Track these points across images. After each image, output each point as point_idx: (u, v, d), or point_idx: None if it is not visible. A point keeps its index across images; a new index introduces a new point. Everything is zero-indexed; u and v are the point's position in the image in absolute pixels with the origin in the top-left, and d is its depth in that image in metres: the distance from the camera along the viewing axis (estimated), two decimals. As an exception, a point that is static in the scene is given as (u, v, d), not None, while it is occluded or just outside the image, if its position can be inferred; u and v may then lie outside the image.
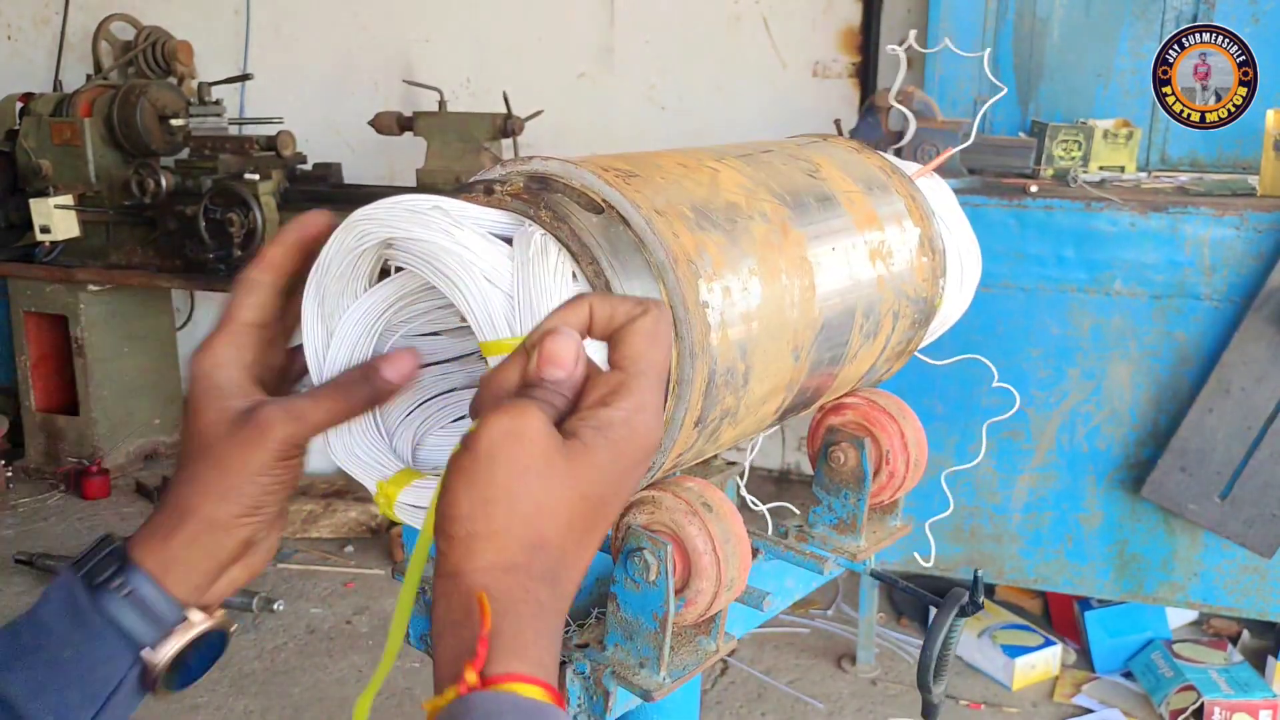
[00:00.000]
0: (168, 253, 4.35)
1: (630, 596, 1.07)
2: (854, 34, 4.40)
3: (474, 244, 0.82)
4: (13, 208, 4.52)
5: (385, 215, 0.85)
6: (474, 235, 0.83)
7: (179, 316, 5.20)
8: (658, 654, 1.06)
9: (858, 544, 1.41)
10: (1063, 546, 3.08)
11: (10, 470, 4.56)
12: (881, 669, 3.25)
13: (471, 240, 0.82)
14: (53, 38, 5.30)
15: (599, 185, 0.97)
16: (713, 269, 1.01)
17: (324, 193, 4.35)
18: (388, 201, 0.86)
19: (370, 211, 0.86)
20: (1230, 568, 2.95)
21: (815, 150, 1.39)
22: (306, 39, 5.10)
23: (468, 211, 0.85)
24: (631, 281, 0.90)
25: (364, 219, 0.86)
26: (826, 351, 1.21)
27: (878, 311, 1.28)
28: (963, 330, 2.33)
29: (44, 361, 4.64)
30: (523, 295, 0.81)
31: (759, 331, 1.07)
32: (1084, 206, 2.90)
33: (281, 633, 3.40)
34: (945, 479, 1.67)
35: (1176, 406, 2.90)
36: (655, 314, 0.72)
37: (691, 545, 1.06)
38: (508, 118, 4.16)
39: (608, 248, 0.90)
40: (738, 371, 1.04)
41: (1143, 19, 3.64)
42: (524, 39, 4.80)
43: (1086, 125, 3.23)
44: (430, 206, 0.83)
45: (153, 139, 4.39)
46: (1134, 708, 3.06)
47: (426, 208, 0.83)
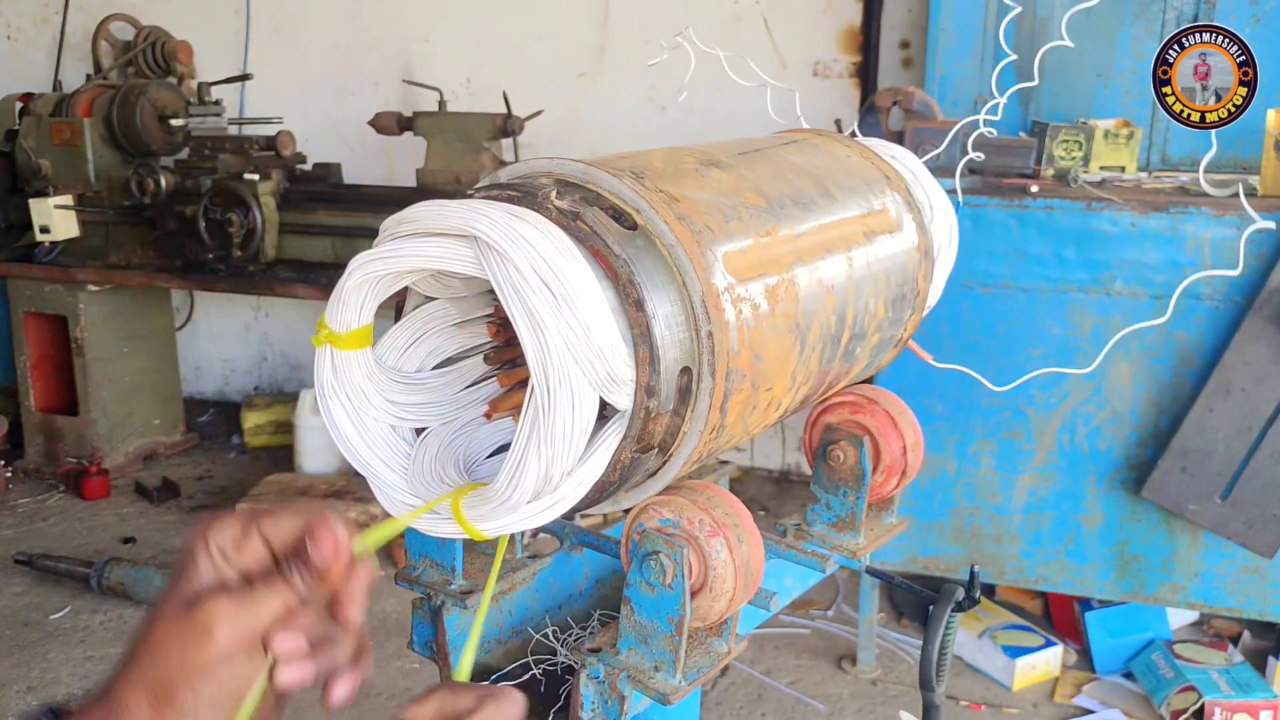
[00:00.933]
0: (167, 253, 4.35)
1: (645, 600, 1.07)
2: (854, 34, 4.40)
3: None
4: (12, 208, 4.52)
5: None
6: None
7: (179, 316, 5.20)
8: (673, 657, 1.06)
9: (857, 541, 1.41)
10: (1063, 547, 3.07)
11: (10, 470, 4.55)
12: (882, 669, 3.24)
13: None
14: (52, 38, 5.30)
15: (629, 194, 0.99)
16: (725, 275, 1.01)
17: (324, 193, 4.35)
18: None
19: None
20: (1231, 568, 2.95)
21: (806, 147, 1.39)
22: (306, 39, 5.10)
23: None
24: (658, 292, 0.97)
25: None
26: (830, 349, 1.21)
27: (874, 305, 1.28)
28: (964, 330, 2.33)
29: (44, 361, 4.64)
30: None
31: (770, 335, 1.07)
32: (1084, 206, 2.89)
33: (281, 633, 3.40)
34: (945, 479, 1.67)
35: (1177, 407, 2.90)
36: (492, 708, 0.75)
37: (711, 550, 1.06)
38: (508, 118, 4.16)
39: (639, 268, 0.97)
40: (749, 376, 1.04)
41: (1143, 19, 3.64)
42: (523, 39, 4.79)
43: (1087, 125, 3.23)
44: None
45: (152, 139, 4.39)
46: (1134, 708, 3.05)
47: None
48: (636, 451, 0.98)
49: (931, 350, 1.65)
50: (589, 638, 1.18)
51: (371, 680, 3.06)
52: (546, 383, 0.88)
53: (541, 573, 1.39)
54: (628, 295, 0.94)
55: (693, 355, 0.99)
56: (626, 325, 0.94)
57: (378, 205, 4.14)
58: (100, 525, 4.15)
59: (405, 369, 1.08)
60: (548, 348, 0.87)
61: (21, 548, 3.82)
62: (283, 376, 5.44)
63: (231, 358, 5.51)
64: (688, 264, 0.97)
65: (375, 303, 1.00)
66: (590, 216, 0.96)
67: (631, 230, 0.97)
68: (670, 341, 0.96)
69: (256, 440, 4.93)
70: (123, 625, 3.41)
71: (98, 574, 3.52)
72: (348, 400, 1.03)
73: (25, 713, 0.72)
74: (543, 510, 0.95)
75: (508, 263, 0.88)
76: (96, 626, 3.41)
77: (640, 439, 0.97)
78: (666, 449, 1.02)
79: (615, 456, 0.96)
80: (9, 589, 3.62)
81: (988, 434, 3.05)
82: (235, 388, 5.51)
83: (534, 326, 0.87)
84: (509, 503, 0.94)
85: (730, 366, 1.00)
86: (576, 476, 0.94)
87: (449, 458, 1.05)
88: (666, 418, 0.98)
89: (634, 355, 0.94)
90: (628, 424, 0.96)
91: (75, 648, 3.29)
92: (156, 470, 4.65)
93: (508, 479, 0.92)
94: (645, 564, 1.06)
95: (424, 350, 1.09)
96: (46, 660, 3.22)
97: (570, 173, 1.03)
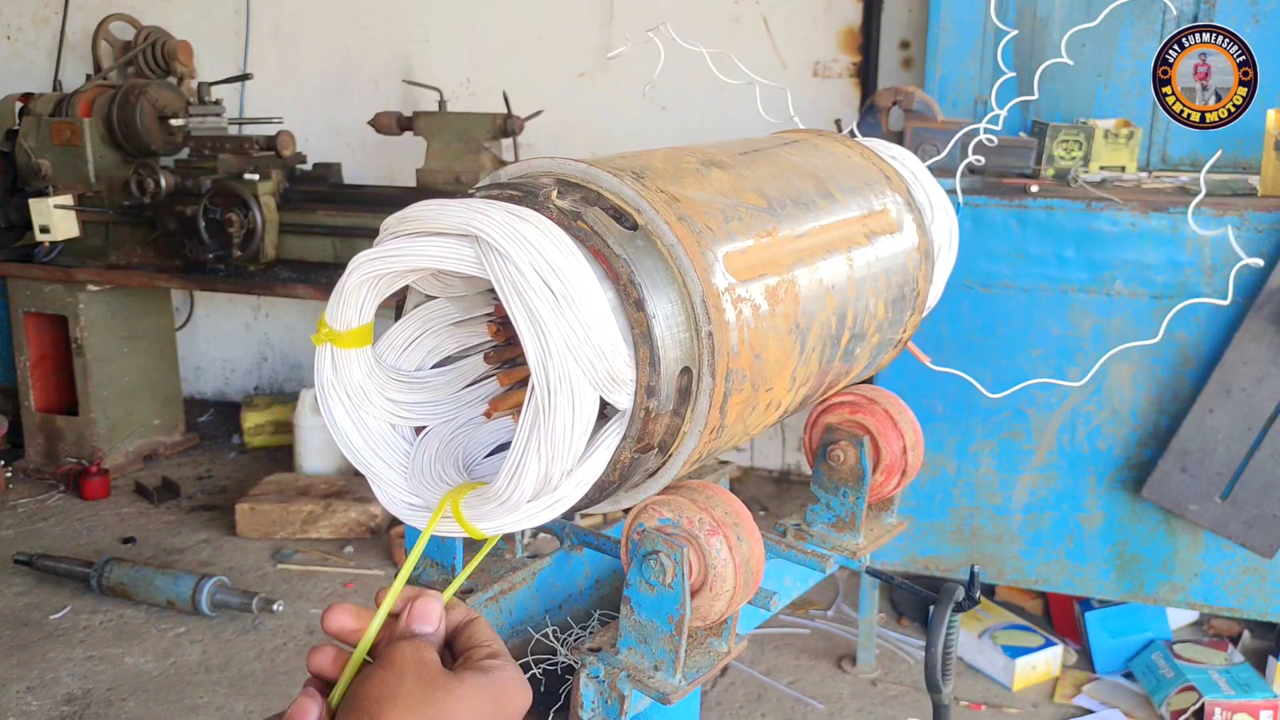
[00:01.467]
0: (167, 253, 4.35)
1: (645, 599, 1.07)
2: (854, 34, 4.40)
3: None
4: (12, 208, 4.52)
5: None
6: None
7: (179, 316, 5.20)
8: (673, 656, 1.06)
9: (857, 541, 1.41)
10: (1063, 547, 3.08)
11: (10, 470, 4.55)
12: (882, 670, 3.24)
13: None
14: (52, 38, 5.30)
15: (630, 194, 0.99)
16: (725, 275, 1.02)
17: (324, 193, 4.35)
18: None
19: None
20: (1231, 568, 2.95)
21: (807, 147, 1.39)
22: (306, 39, 5.10)
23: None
24: (659, 292, 0.97)
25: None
26: (830, 349, 1.21)
27: (874, 306, 1.28)
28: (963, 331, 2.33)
29: (44, 361, 4.64)
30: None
31: (770, 335, 1.07)
32: (1085, 206, 2.89)
33: (281, 633, 3.40)
34: (945, 479, 1.67)
35: (1177, 407, 2.90)
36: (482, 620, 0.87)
37: (710, 549, 1.06)
38: (508, 117, 4.16)
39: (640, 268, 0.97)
40: (749, 376, 1.04)
41: (1143, 19, 3.64)
42: (524, 39, 4.79)
43: (1087, 125, 3.23)
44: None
45: (152, 139, 4.39)
46: (1135, 708, 3.05)
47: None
48: (636, 451, 0.98)
49: (931, 350, 1.65)
50: (589, 637, 1.18)
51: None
52: (547, 382, 0.89)
53: (541, 572, 1.39)
54: (628, 295, 0.94)
55: (693, 355, 0.99)
56: (627, 325, 0.94)
57: (378, 205, 4.14)
58: (100, 525, 4.15)
59: (405, 367, 1.08)
60: (548, 347, 0.87)
61: (21, 548, 3.82)
62: (283, 376, 5.44)
63: (231, 358, 5.52)
64: (688, 264, 0.97)
65: (375, 301, 1.01)
66: (591, 216, 0.96)
67: (632, 230, 0.97)
68: (670, 341, 0.96)
69: (256, 440, 4.93)
70: (123, 625, 3.42)
71: (98, 574, 3.52)
72: (347, 398, 1.03)
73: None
74: (542, 510, 0.95)
75: (508, 262, 0.88)
76: (96, 626, 3.41)
77: (640, 439, 0.97)
78: (666, 449, 1.02)
79: (615, 456, 0.96)
80: (9, 589, 3.62)
81: (988, 434, 3.06)
82: (235, 388, 5.51)
83: (535, 326, 0.87)
84: (509, 502, 0.94)
85: (730, 367, 1.00)
86: (576, 476, 0.94)
87: (448, 457, 1.05)
88: (666, 418, 0.98)
89: (634, 355, 0.94)
90: (628, 424, 0.96)
91: (75, 648, 3.29)
92: (156, 470, 4.66)
93: (508, 478, 0.92)
94: (645, 563, 1.06)
95: (424, 349, 1.09)
96: (46, 660, 3.22)
97: (571, 172, 1.03)
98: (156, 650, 3.29)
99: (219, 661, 3.24)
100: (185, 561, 3.83)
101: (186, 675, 3.17)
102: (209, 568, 3.76)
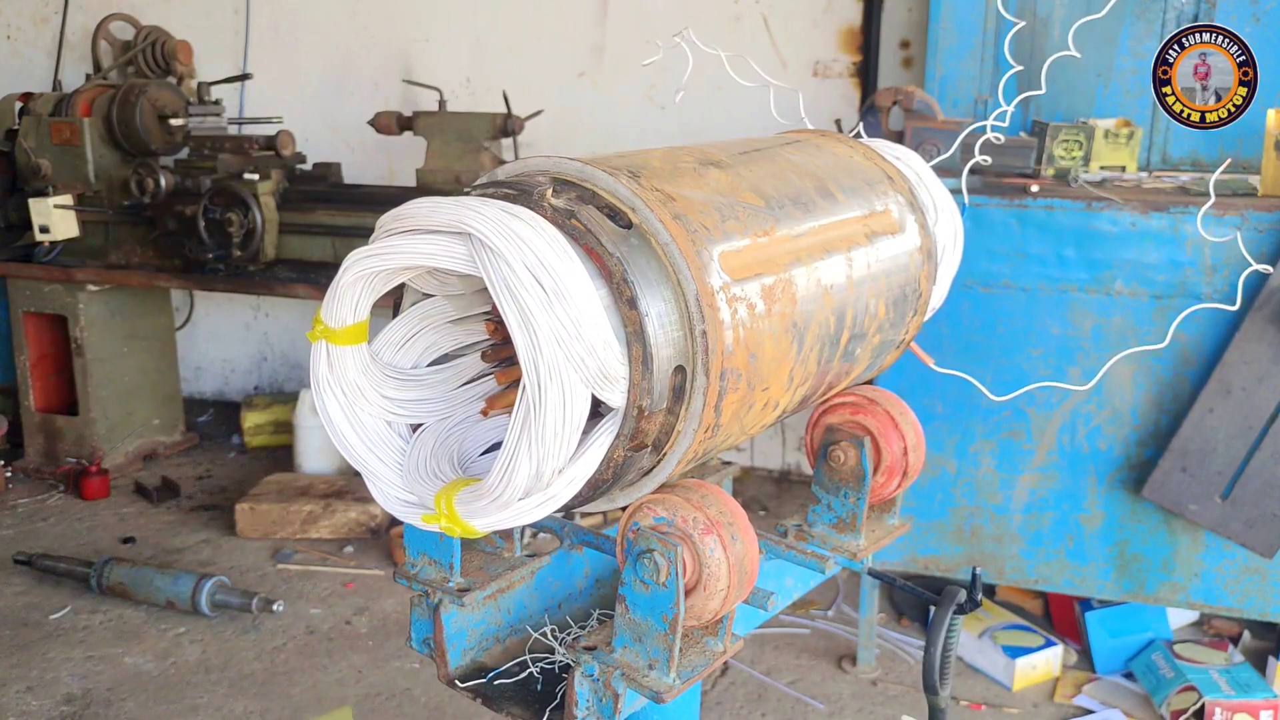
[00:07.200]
0: (167, 253, 4.35)
1: (639, 598, 1.06)
2: (854, 34, 4.40)
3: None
4: (12, 208, 4.52)
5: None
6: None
7: (178, 316, 5.20)
8: (668, 655, 1.06)
9: (857, 543, 1.40)
10: (1063, 547, 3.07)
11: (10, 470, 4.55)
12: (882, 670, 3.24)
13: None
14: (52, 38, 5.30)
15: (625, 193, 0.99)
16: (721, 274, 1.01)
17: (323, 193, 4.35)
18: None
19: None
20: (1231, 568, 2.95)
21: (808, 147, 1.39)
22: (306, 39, 5.10)
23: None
24: (652, 291, 0.97)
25: None
26: (828, 350, 1.20)
27: (874, 307, 1.28)
28: (964, 330, 2.33)
29: (43, 361, 4.64)
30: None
31: (766, 335, 1.06)
32: (1085, 206, 2.89)
33: (281, 633, 3.39)
34: (945, 479, 1.66)
35: (1177, 407, 2.90)
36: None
37: (704, 548, 1.06)
38: (507, 117, 4.16)
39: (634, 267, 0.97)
40: (745, 376, 1.03)
41: (1143, 19, 3.63)
42: (523, 39, 4.79)
43: (1087, 125, 3.23)
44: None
45: (152, 139, 4.39)
46: (1135, 708, 3.05)
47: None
48: (630, 450, 0.98)
49: (931, 350, 1.64)
50: (586, 636, 1.18)
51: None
52: (537, 378, 0.88)
53: (541, 572, 1.39)
54: (621, 293, 0.94)
55: (687, 354, 0.98)
56: (619, 323, 0.94)
57: (377, 205, 4.13)
58: (100, 525, 4.15)
59: (401, 365, 1.08)
60: (538, 343, 0.87)
61: (21, 548, 3.82)
62: (282, 376, 5.44)
63: (231, 358, 5.51)
64: (682, 263, 0.97)
65: (371, 299, 1.00)
66: (585, 215, 0.96)
67: (626, 229, 0.97)
68: (664, 340, 0.96)
69: (256, 440, 4.93)
70: (123, 625, 3.41)
71: (97, 574, 3.52)
72: (343, 395, 1.03)
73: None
74: (535, 507, 0.95)
75: (499, 258, 0.88)
76: (96, 626, 3.41)
77: (634, 437, 0.97)
78: (660, 448, 1.02)
79: (608, 454, 0.96)
80: (9, 589, 3.62)
81: (988, 434, 3.05)
82: (235, 388, 5.51)
83: (525, 322, 0.87)
84: (501, 499, 0.93)
85: (725, 366, 0.99)
86: (569, 474, 0.94)
87: (444, 454, 1.05)
88: (660, 416, 0.98)
89: (627, 353, 0.94)
90: (621, 422, 0.96)
91: (75, 648, 3.29)
92: (156, 470, 4.65)
93: (499, 475, 0.92)
94: (639, 562, 1.05)
95: (420, 346, 1.09)
96: (46, 660, 3.22)
97: (567, 171, 1.03)
98: (156, 650, 3.29)
99: (219, 661, 3.23)
100: (185, 561, 3.83)
101: (186, 675, 3.17)
102: (209, 568, 3.75)
